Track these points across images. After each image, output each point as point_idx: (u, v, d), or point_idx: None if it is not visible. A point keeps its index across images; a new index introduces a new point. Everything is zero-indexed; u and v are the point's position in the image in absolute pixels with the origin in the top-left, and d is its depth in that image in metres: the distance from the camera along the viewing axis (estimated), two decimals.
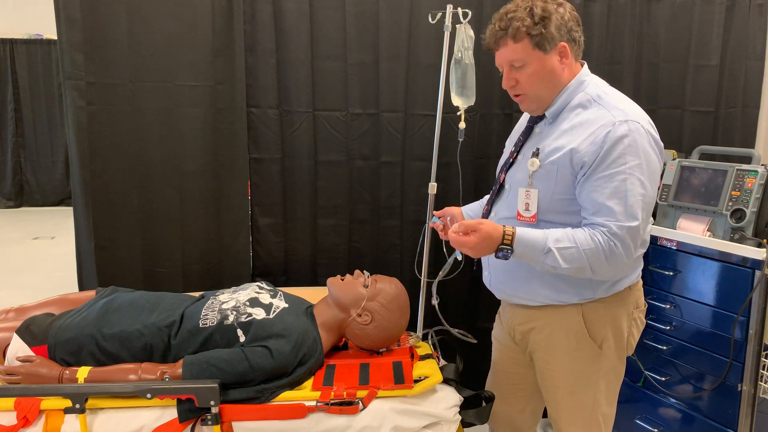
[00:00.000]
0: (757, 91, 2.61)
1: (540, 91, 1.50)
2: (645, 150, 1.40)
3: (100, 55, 2.15)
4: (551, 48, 1.44)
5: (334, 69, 2.38)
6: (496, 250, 1.44)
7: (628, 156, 1.37)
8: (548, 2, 1.44)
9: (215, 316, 1.71)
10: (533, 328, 1.63)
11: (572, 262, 1.40)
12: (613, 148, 1.38)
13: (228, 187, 2.39)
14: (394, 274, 2.18)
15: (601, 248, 1.38)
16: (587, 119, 1.44)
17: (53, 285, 4.19)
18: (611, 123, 1.40)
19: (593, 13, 2.44)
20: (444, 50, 2.13)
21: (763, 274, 1.82)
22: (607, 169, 1.38)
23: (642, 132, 1.40)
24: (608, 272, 1.43)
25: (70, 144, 2.22)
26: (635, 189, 1.38)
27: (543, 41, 1.43)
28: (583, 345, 1.57)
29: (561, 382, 1.63)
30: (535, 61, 1.45)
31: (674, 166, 2.14)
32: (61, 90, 2.19)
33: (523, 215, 1.52)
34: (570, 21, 1.46)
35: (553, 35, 1.43)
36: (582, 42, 1.51)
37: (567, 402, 1.64)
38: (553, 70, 1.47)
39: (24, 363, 1.64)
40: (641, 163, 1.39)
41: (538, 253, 1.42)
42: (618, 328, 1.58)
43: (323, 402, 1.57)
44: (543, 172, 1.48)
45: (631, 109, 1.44)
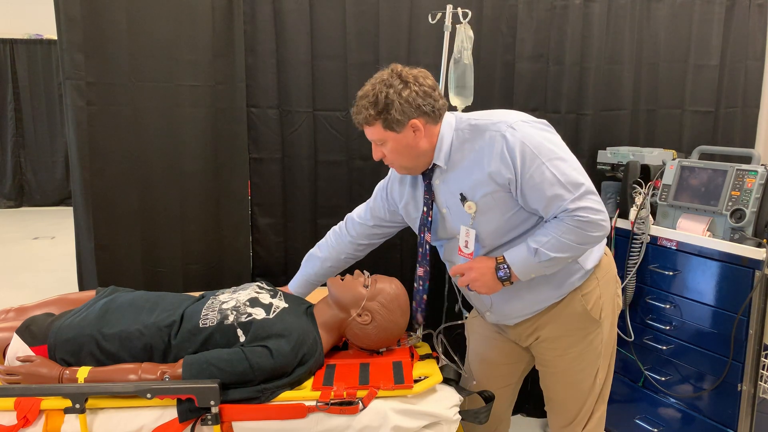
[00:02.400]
0: (757, 91, 2.62)
1: (403, 162, 1.62)
2: (540, 135, 1.50)
3: (100, 55, 2.15)
4: (401, 128, 1.54)
5: (334, 69, 2.38)
6: (496, 270, 1.55)
7: (533, 149, 1.47)
8: (393, 86, 1.51)
9: (215, 316, 1.71)
10: (539, 326, 1.69)
11: (561, 250, 1.48)
12: (519, 154, 1.47)
13: (228, 187, 2.39)
14: (394, 274, 2.17)
15: (572, 227, 1.46)
16: (479, 146, 1.54)
17: (53, 285, 4.19)
18: (501, 137, 1.50)
19: (593, 13, 2.44)
20: (444, 50, 2.13)
21: (763, 274, 1.82)
22: (528, 171, 1.47)
23: (524, 125, 1.50)
24: (596, 236, 1.49)
25: (70, 144, 2.22)
26: (559, 166, 1.46)
27: (391, 125, 1.53)
28: (587, 323, 1.65)
29: (572, 364, 1.69)
30: (391, 139, 1.56)
31: (674, 166, 2.14)
32: (61, 90, 2.19)
33: (464, 251, 1.62)
34: (417, 99, 1.52)
35: (399, 119, 1.52)
36: (438, 107, 1.56)
37: (578, 381, 1.71)
38: (408, 144, 1.56)
39: (24, 363, 1.64)
40: (547, 146, 1.48)
41: (531, 258, 1.50)
42: (611, 293, 1.68)
43: (323, 402, 1.57)
44: (482, 207, 1.56)
45: (502, 115, 1.55)
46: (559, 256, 1.48)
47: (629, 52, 2.50)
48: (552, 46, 2.46)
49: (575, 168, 1.48)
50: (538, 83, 2.45)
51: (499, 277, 1.54)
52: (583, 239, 1.47)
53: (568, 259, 1.52)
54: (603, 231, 1.50)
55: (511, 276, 1.54)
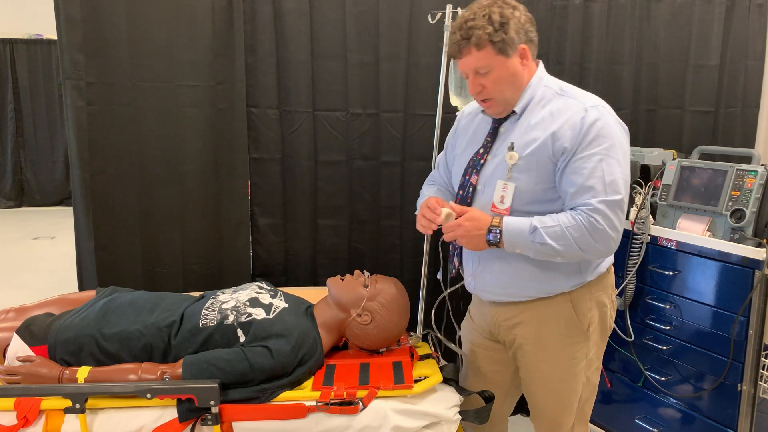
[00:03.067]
0: (757, 91, 2.62)
1: (506, 94, 1.54)
2: (616, 132, 1.47)
3: (100, 55, 2.15)
4: (512, 52, 1.49)
5: (334, 69, 2.38)
6: (487, 232, 1.49)
7: (601, 138, 1.44)
8: (504, 7, 1.48)
9: (215, 316, 1.71)
10: (520, 322, 1.64)
11: (558, 240, 1.44)
12: (589, 131, 1.44)
13: (228, 187, 2.39)
14: (394, 274, 2.18)
15: (583, 225, 1.42)
16: (557, 109, 1.50)
17: (53, 285, 4.19)
18: (583, 109, 1.47)
19: (593, 13, 2.45)
20: (444, 50, 2.13)
21: (763, 274, 1.82)
22: (584, 151, 1.44)
23: (610, 115, 1.48)
24: (597, 249, 1.46)
25: (70, 144, 2.22)
26: (612, 168, 1.44)
27: (505, 46, 1.47)
28: (572, 331, 1.60)
29: (552, 371, 1.65)
30: (499, 66, 1.49)
31: (674, 166, 2.14)
32: (61, 90, 2.19)
33: (498, 207, 1.55)
34: (526, 23, 1.51)
35: (514, 39, 1.48)
36: (536, 41, 1.55)
37: (558, 390, 1.66)
38: (515, 72, 1.51)
39: (24, 363, 1.64)
40: (614, 144, 1.45)
41: (526, 233, 1.46)
42: (602, 310, 1.64)
43: (323, 402, 1.57)
44: (522, 164, 1.52)
45: (595, 98, 1.52)
46: (553, 245, 1.43)
47: (629, 52, 2.50)
48: (552, 46, 2.46)
49: (624, 179, 1.45)
50: None
51: (488, 239, 1.49)
52: (585, 244, 1.43)
53: (558, 256, 1.46)
54: (607, 247, 1.45)
55: (499, 242, 1.48)
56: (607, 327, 1.67)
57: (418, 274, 2.28)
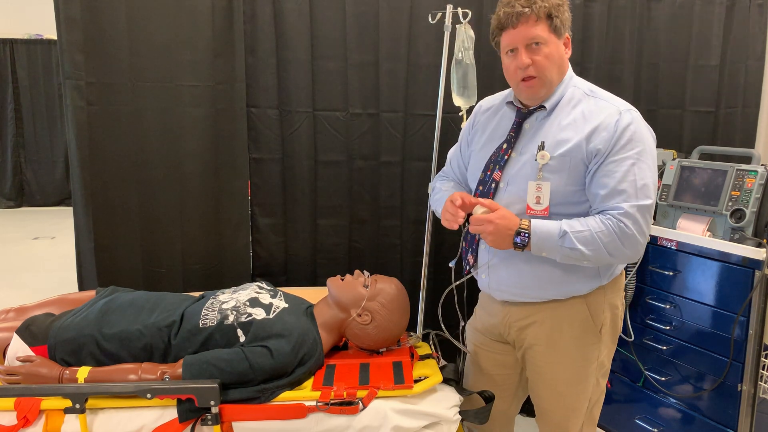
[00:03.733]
0: (757, 91, 2.62)
1: (552, 75, 1.51)
2: (647, 137, 1.48)
3: (100, 55, 2.15)
4: (561, 36, 1.50)
5: (334, 69, 2.38)
6: (515, 234, 1.46)
7: (634, 142, 1.44)
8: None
9: (215, 316, 1.71)
10: (534, 322, 1.62)
11: (588, 245, 1.43)
12: (623, 135, 1.44)
13: (228, 187, 2.39)
14: (394, 274, 2.18)
15: (612, 230, 1.42)
16: (589, 110, 1.50)
17: (53, 285, 4.20)
18: (617, 112, 1.46)
19: (593, 13, 2.44)
20: (444, 50, 2.13)
21: (763, 274, 1.82)
22: (617, 154, 1.44)
23: (639, 120, 1.48)
24: (625, 254, 1.46)
25: (70, 144, 2.22)
26: (644, 172, 1.44)
27: (559, 26, 1.48)
28: (586, 333, 1.60)
29: (563, 373, 1.63)
30: (552, 43, 1.48)
31: (674, 166, 2.14)
32: (61, 90, 2.19)
33: (534, 209, 1.52)
34: (570, 17, 1.53)
35: (565, 23, 1.50)
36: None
37: (567, 393, 1.65)
38: (561, 56, 1.52)
39: (24, 363, 1.64)
40: (645, 149, 1.46)
41: (555, 237, 1.44)
42: (614, 312, 1.63)
43: (323, 402, 1.57)
44: (553, 164, 1.49)
45: (623, 101, 1.52)
46: (583, 250, 1.42)
47: (629, 52, 2.50)
48: None
49: (654, 184, 1.46)
50: None
51: (515, 242, 1.46)
52: (614, 249, 1.43)
53: (585, 260, 1.45)
54: (635, 252, 1.45)
55: (527, 245, 1.46)
56: (617, 328, 1.67)
57: (418, 274, 2.28)
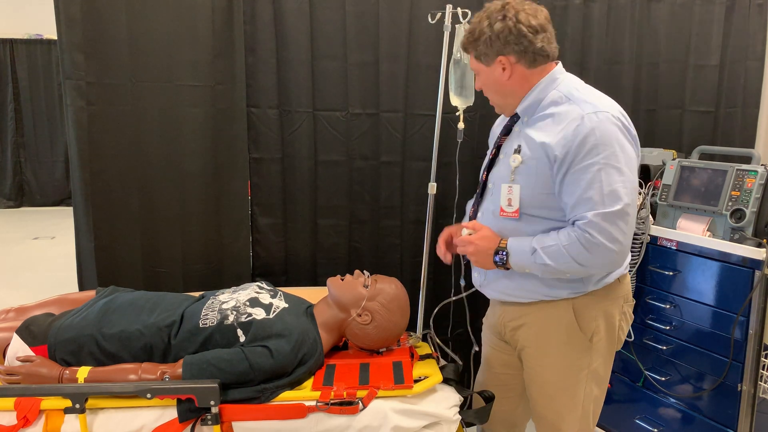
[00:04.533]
0: (757, 91, 2.62)
1: (492, 98, 1.61)
2: (617, 138, 1.42)
3: (100, 55, 2.15)
4: (489, 62, 1.54)
5: (334, 69, 2.38)
6: (494, 254, 1.52)
7: (600, 147, 1.40)
8: (490, 17, 1.50)
9: (215, 316, 1.71)
10: (523, 324, 1.64)
11: (557, 259, 1.44)
12: (585, 141, 1.40)
13: (228, 187, 2.38)
14: (394, 274, 2.18)
15: (579, 241, 1.41)
16: (559, 114, 1.48)
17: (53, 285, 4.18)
18: (579, 116, 1.43)
19: (593, 13, 2.44)
20: (444, 50, 2.13)
21: (763, 274, 1.82)
22: (581, 162, 1.41)
23: (612, 120, 1.42)
24: (597, 264, 1.44)
25: (70, 144, 2.22)
26: (611, 177, 1.39)
27: (480, 56, 1.55)
28: (573, 339, 1.58)
29: (551, 377, 1.64)
30: (482, 71, 1.57)
31: (674, 166, 2.14)
32: (61, 90, 2.19)
33: (506, 210, 1.56)
34: (509, 35, 1.47)
35: (486, 52, 1.52)
36: (538, 49, 1.50)
37: (557, 397, 1.65)
38: (496, 81, 1.55)
39: (24, 363, 1.64)
40: (615, 152, 1.40)
41: (528, 254, 1.48)
42: (609, 321, 1.60)
43: (323, 402, 1.57)
44: (524, 167, 1.52)
45: (601, 102, 1.47)
46: (553, 265, 1.44)
47: (629, 52, 2.50)
48: None
49: (626, 187, 1.40)
50: None
51: (495, 261, 1.53)
52: (584, 260, 1.41)
53: (564, 273, 1.47)
54: (608, 260, 1.42)
55: (506, 263, 1.52)
56: (615, 339, 1.63)
57: (418, 274, 2.28)
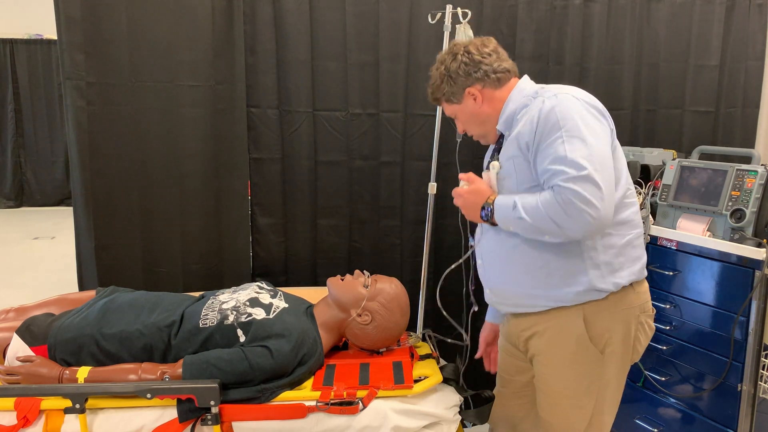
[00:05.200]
0: (757, 91, 2.62)
1: (474, 130, 1.68)
2: (579, 112, 1.44)
3: (100, 55, 2.15)
4: (460, 98, 1.62)
5: (334, 69, 2.38)
6: (481, 209, 1.55)
7: (561, 121, 1.43)
8: (444, 62, 1.62)
9: (215, 316, 1.71)
10: (535, 333, 1.62)
11: (534, 216, 1.43)
12: (547, 119, 1.45)
13: (228, 187, 2.39)
14: (394, 274, 2.18)
15: (555, 200, 1.39)
16: (528, 110, 1.53)
17: (53, 285, 4.19)
18: (541, 101, 1.49)
19: (593, 13, 2.45)
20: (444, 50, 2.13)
21: (763, 274, 1.82)
22: (547, 138, 1.44)
23: (571, 99, 1.46)
24: (573, 227, 1.39)
25: (70, 144, 2.22)
26: (574, 146, 1.40)
27: (450, 97, 1.64)
28: (583, 349, 1.55)
29: (559, 386, 1.62)
30: (458, 111, 1.66)
31: (674, 166, 2.14)
32: (61, 90, 2.19)
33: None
34: (467, 67, 1.59)
35: (453, 91, 1.62)
36: (497, 69, 1.59)
37: (565, 407, 1.63)
38: (472, 112, 1.63)
39: (24, 363, 1.64)
40: (577, 124, 1.42)
41: (510, 209, 1.48)
42: (625, 332, 1.56)
43: (323, 402, 1.57)
44: (503, 171, 1.57)
45: (560, 87, 1.53)
46: (529, 221, 1.43)
47: (629, 52, 2.50)
48: (552, 46, 2.46)
49: (592, 153, 1.39)
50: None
51: (481, 216, 1.55)
52: (561, 220, 1.38)
53: (542, 232, 1.44)
54: (583, 223, 1.37)
55: (491, 218, 1.53)
56: (630, 351, 1.60)
57: (418, 274, 2.28)
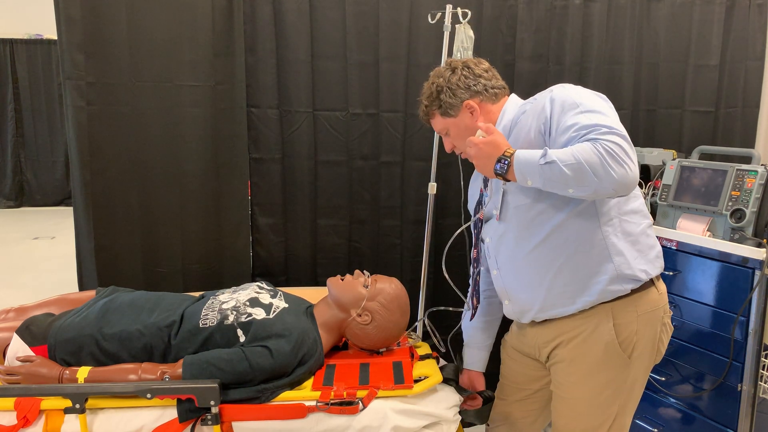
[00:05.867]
0: (757, 91, 2.62)
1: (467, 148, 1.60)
2: (588, 94, 1.45)
3: (100, 55, 2.15)
4: (457, 111, 1.61)
5: (334, 69, 2.38)
6: (496, 161, 1.43)
7: (577, 100, 1.41)
8: (442, 75, 1.62)
9: (215, 316, 1.71)
10: (560, 342, 1.58)
11: (566, 160, 1.32)
12: (562, 102, 1.42)
13: (228, 187, 2.38)
14: (394, 274, 2.18)
15: (593, 149, 1.30)
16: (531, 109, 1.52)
17: (53, 285, 4.20)
18: (549, 90, 1.48)
19: (593, 13, 2.45)
20: (443, 50, 2.13)
21: (763, 274, 1.82)
22: (565, 115, 1.40)
23: (571, 86, 1.48)
24: (609, 177, 1.30)
25: (70, 144, 2.22)
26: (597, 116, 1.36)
27: (446, 110, 1.61)
28: (611, 355, 1.53)
29: (584, 393, 1.58)
30: (451, 126, 1.63)
31: (674, 166, 2.14)
32: (61, 90, 2.19)
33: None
34: (467, 80, 1.59)
35: (451, 103, 1.60)
36: (494, 85, 1.61)
37: (587, 414, 1.59)
38: (467, 126, 1.60)
39: (24, 363, 1.64)
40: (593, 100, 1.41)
41: (536, 159, 1.37)
42: (652, 335, 1.55)
43: (323, 402, 1.57)
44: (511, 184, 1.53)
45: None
46: (559, 164, 1.32)
47: (629, 52, 2.50)
48: (552, 46, 2.46)
49: (614, 122, 1.34)
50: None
51: (495, 169, 1.43)
52: (597, 168, 1.29)
53: (569, 186, 1.34)
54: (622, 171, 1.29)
55: (506, 173, 1.42)
56: (654, 353, 1.58)
57: (418, 274, 2.28)
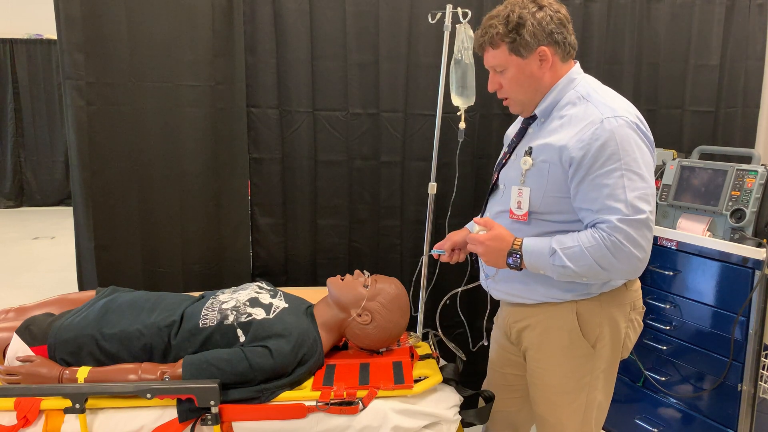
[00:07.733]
0: (757, 91, 2.62)
1: (520, 95, 1.53)
2: (636, 143, 1.39)
3: (100, 55, 2.15)
4: (528, 53, 1.47)
5: (334, 69, 2.38)
6: (507, 255, 1.47)
7: (621, 152, 1.37)
8: (526, 7, 1.46)
9: (215, 316, 1.71)
10: (528, 325, 1.62)
11: (578, 261, 1.39)
12: (605, 146, 1.37)
13: (228, 187, 2.38)
14: (394, 274, 2.18)
15: (603, 244, 1.36)
16: (575, 115, 1.45)
17: (53, 285, 4.19)
18: (599, 120, 1.39)
19: (593, 13, 2.44)
20: (444, 50, 2.13)
21: (763, 274, 1.82)
22: (602, 167, 1.37)
23: (630, 126, 1.40)
24: (621, 269, 1.39)
25: (70, 144, 2.22)
26: (635, 183, 1.37)
27: (518, 47, 1.46)
28: (576, 344, 1.56)
29: (552, 380, 1.62)
30: (514, 66, 1.49)
31: (674, 166, 2.14)
32: (61, 90, 2.19)
33: (516, 213, 1.53)
34: (550, 24, 1.46)
35: (528, 42, 1.45)
36: (570, 42, 1.50)
37: (558, 401, 1.63)
38: (532, 74, 1.49)
39: (24, 363, 1.64)
40: (636, 158, 1.38)
41: (546, 256, 1.43)
42: (614, 328, 1.57)
43: (323, 402, 1.57)
44: (535, 170, 1.49)
45: (619, 105, 1.44)
46: (572, 267, 1.39)
47: (629, 52, 2.50)
48: None
49: (648, 194, 1.37)
50: None
51: (508, 263, 1.47)
52: (608, 264, 1.37)
53: (582, 277, 1.42)
54: (631, 267, 1.38)
55: (520, 265, 1.46)
56: (620, 347, 1.59)
57: (418, 274, 2.28)
